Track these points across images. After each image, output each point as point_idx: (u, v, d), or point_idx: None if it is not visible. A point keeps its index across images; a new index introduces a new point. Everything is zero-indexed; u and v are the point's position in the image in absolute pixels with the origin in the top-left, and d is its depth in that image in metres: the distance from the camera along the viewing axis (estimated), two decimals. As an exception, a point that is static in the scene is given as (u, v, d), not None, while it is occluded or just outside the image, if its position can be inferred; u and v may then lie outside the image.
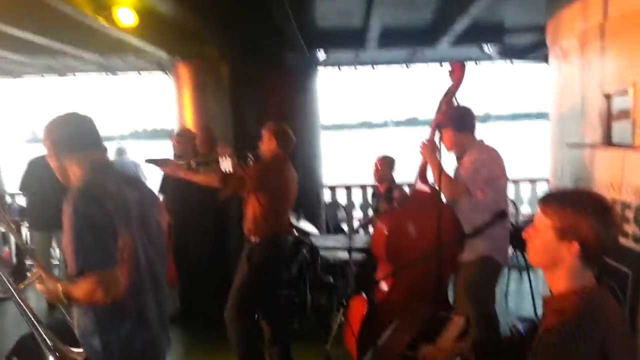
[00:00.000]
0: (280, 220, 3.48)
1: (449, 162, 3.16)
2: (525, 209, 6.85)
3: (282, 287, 4.30)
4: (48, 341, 1.79)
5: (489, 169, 3.03)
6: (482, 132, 3.25)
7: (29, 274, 2.02)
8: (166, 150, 4.78)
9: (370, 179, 5.17)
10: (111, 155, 5.19)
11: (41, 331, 1.80)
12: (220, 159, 3.53)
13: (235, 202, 4.01)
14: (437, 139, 2.96)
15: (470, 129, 3.16)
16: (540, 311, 1.88)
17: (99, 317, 1.81)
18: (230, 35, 4.38)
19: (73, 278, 1.75)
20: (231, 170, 3.46)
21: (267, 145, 3.44)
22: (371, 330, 2.93)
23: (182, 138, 4.69)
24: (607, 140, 2.98)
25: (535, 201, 6.73)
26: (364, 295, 3.32)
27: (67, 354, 1.80)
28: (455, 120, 3.05)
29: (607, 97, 2.97)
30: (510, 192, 6.47)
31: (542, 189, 6.78)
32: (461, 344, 1.98)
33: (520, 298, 5.21)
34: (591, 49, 3.14)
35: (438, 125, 2.92)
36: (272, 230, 3.39)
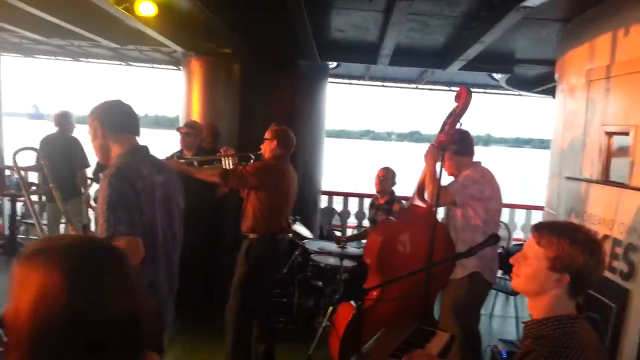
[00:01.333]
0: (279, 219, 3.54)
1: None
2: (518, 235, 6.91)
3: (274, 286, 4.36)
4: None
5: (479, 187, 3.12)
6: (484, 154, 3.31)
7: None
8: (169, 139, 4.82)
9: (367, 189, 5.22)
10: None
11: None
12: (222, 159, 3.60)
13: (231, 196, 4.07)
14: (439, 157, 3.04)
15: (469, 153, 3.24)
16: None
17: None
18: (245, 36, 4.45)
19: None
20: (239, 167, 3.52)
21: (268, 145, 3.52)
22: (356, 337, 2.98)
23: (192, 130, 4.72)
24: (605, 177, 3.05)
25: (528, 228, 6.80)
26: (351, 302, 3.38)
27: None
28: (455, 145, 3.12)
29: (609, 135, 3.04)
30: (505, 216, 6.58)
31: (536, 216, 6.84)
32: None
33: (505, 321, 5.28)
34: (596, 88, 3.21)
35: (441, 147, 2.98)
36: (270, 229, 3.46)
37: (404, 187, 5.22)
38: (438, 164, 3.03)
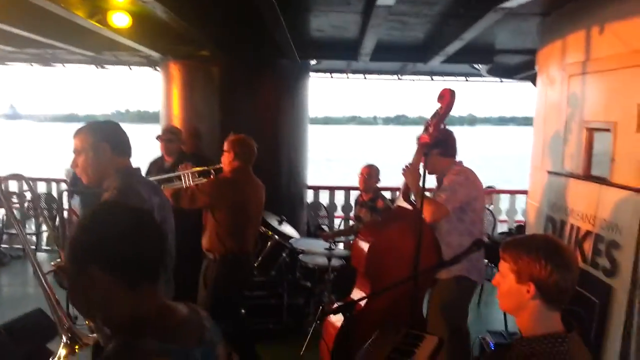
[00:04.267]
0: (240, 238, 3.34)
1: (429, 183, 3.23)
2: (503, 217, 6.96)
3: (259, 288, 4.36)
4: (65, 320, 1.97)
5: (466, 190, 3.12)
6: (470, 134, 3.30)
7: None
8: (153, 134, 4.76)
9: (354, 181, 5.22)
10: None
11: (59, 312, 2.00)
12: (182, 177, 3.40)
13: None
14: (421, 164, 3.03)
15: (453, 153, 3.25)
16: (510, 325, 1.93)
17: None
18: (223, 39, 4.38)
19: None
20: (191, 185, 3.34)
21: (226, 157, 3.34)
22: (345, 346, 3.00)
23: (173, 136, 4.68)
24: (586, 173, 3.07)
25: (513, 212, 6.87)
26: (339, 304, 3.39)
27: (80, 336, 1.95)
28: (440, 146, 3.11)
29: (590, 131, 3.05)
30: (489, 202, 6.65)
31: (520, 201, 6.91)
32: None
33: (492, 309, 5.34)
34: (576, 83, 3.22)
35: (425, 152, 2.97)
36: (229, 250, 3.27)
37: (391, 174, 5.21)
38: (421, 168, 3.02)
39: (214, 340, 1.29)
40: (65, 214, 5.60)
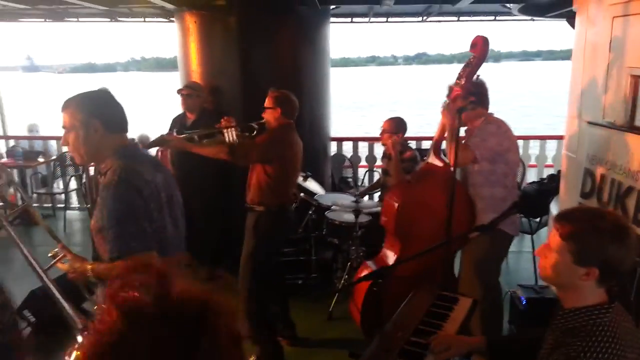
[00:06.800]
0: (287, 190, 3.48)
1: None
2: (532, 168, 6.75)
3: (288, 246, 4.36)
4: (77, 321, 1.87)
5: (497, 139, 3.01)
6: (495, 71, 3.14)
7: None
8: (172, 81, 4.66)
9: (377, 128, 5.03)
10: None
11: (70, 312, 1.90)
12: (224, 131, 3.42)
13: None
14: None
15: (484, 104, 3.10)
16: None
17: None
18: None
19: (106, 261, 1.84)
20: (236, 140, 3.40)
21: (271, 113, 3.37)
22: (375, 307, 2.99)
23: (192, 91, 4.58)
24: (630, 124, 2.88)
25: (543, 158, 6.66)
26: (369, 264, 3.37)
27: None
28: (471, 98, 2.95)
29: (634, 78, 2.83)
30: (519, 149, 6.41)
31: (551, 147, 6.68)
32: (476, 339, 2.00)
33: (520, 257, 5.29)
34: (621, 25, 2.96)
35: (459, 108, 2.81)
36: (278, 201, 3.39)
37: (415, 114, 5.01)
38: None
39: None
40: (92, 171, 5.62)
